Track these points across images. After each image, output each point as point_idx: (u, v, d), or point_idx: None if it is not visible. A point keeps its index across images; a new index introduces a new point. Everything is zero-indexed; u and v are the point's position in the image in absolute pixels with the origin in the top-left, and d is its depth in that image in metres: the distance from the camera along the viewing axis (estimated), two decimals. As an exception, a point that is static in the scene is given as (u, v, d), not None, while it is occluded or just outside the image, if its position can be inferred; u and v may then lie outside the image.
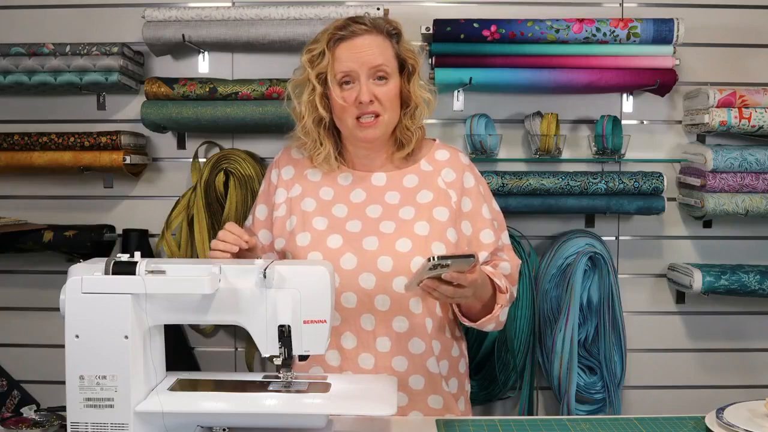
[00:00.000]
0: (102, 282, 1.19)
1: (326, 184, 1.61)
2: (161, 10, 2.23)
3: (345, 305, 1.51)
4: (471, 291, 1.37)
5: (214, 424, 1.24)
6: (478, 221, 1.58)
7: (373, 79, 1.51)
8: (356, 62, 1.50)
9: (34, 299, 2.44)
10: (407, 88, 1.56)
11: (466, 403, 1.66)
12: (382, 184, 1.59)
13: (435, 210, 1.54)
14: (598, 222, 2.43)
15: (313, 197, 1.59)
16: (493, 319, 1.51)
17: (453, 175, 1.59)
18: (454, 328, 1.61)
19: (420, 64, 1.58)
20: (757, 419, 1.30)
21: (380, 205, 1.56)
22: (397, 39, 1.56)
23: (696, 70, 2.38)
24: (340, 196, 1.59)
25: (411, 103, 1.56)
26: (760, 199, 2.27)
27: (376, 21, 1.55)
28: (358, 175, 1.61)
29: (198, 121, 2.26)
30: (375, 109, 1.51)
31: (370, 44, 1.51)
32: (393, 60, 1.54)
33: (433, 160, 1.61)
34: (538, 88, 2.27)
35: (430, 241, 1.51)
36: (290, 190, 1.62)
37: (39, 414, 1.40)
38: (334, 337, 1.52)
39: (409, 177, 1.60)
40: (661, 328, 2.46)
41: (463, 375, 1.64)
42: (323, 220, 1.56)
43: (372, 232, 1.53)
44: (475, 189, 1.60)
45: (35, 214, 2.41)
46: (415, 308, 1.52)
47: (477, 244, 1.57)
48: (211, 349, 2.47)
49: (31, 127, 2.37)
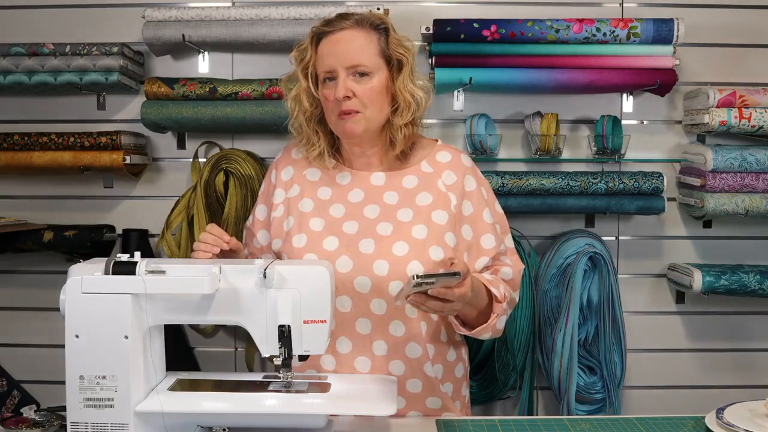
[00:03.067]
0: (102, 282, 1.19)
1: (325, 183, 1.59)
2: (161, 10, 2.23)
3: (340, 309, 1.49)
4: (460, 305, 1.35)
5: (214, 424, 1.24)
6: (479, 225, 1.56)
7: (353, 75, 1.49)
8: (335, 58, 1.49)
9: (34, 299, 2.44)
10: (394, 85, 1.52)
11: (463, 408, 1.63)
12: (381, 184, 1.57)
13: (434, 213, 1.52)
14: (598, 222, 2.43)
15: (311, 197, 1.58)
16: (489, 328, 1.48)
17: (454, 178, 1.56)
18: (451, 333, 1.58)
19: (410, 60, 1.53)
20: (757, 419, 1.30)
21: (378, 205, 1.54)
22: (386, 33, 1.53)
23: (696, 70, 2.38)
24: (338, 195, 1.57)
25: (398, 100, 1.53)
26: (760, 199, 2.27)
27: (363, 16, 1.53)
28: (357, 174, 1.59)
29: (198, 121, 2.26)
30: (352, 105, 1.48)
31: (349, 40, 1.49)
32: (376, 56, 1.50)
33: (434, 162, 1.59)
34: (538, 88, 2.27)
35: (427, 245, 1.48)
36: (289, 190, 1.61)
37: (39, 414, 1.40)
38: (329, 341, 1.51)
39: (408, 178, 1.57)
40: (661, 328, 2.46)
41: (459, 379, 1.61)
42: (320, 221, 1.54)
43: (369, 234, 1.51)
44: (477, 192, 1.58)
45: (35, 214, 2.41)
46: (411, 313, 1.50)
47: (477, 248, 1.55)
48: (211, 349, 2.47)
49: (31, 127, 2.37)
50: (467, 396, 1.67)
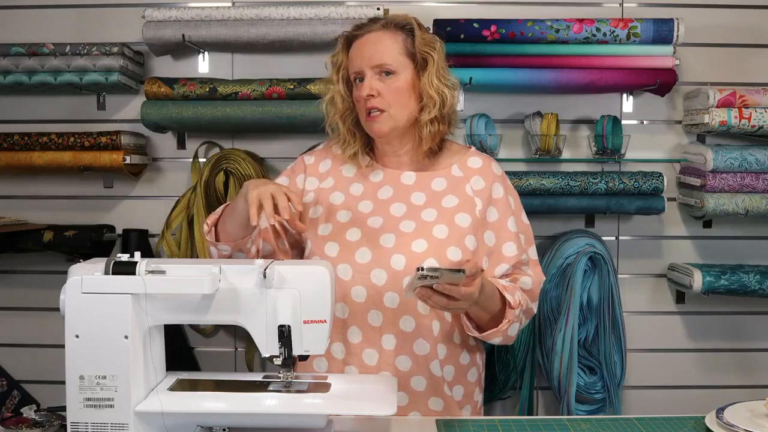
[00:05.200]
0: (102, 282, 1.19)
1: (357, 180, 1.63)
2: (161, 10, 2.23)
3: (354, 299, 1.51)
4: (466, 304, 1.35)
5: (214, 424, 1.24)
6: (502, 233, 1.57)
7: (378, 74, 1.53)
8: (362, 59, 1.55)
9: (34, 299, 2.44)
10: (420, 82, 1.56)
11: (474, 413, 1.62)
12: (411, 184, 1.60)
13: (457, 216, 1.54)
14: (598, 222, 2.43)
15: (342, 191, 1.61)
16: (500, 332, 1.49)
17: (482, 184, 1.59)
18: (465, 337, 1.58)
19: (436, 58, 1.56)
20: (757, 419, 1.30)
21: (405, 204, 1.57)
22: (411, 33, 1.57)
23: (696, 70, 2.38)
24: (368, 192, 1.61)
25: (423, 98, 1.56)
26: (760, 199, 2.27)
27: (390, 18, 1.59)
28: (389, 173, 1.62)
29: (198, 121, 2.26)
30: (377, 104, 1.53)
31: (375, 41, 1.55)
32: (401, 55, 1.54)
33: (465, 167, 1.62)
34: (538, 88, 2.27)
35: (446, 245, 1.50)
36: (323, 181, 1.64)
37: (39, 414, 1.40)
38: (341, 329, 1.52)
39: (438, 180, 1.60)
40: (661, 328, 2.46)
41: (472, 384, 1.61)
42: (347, 213, 1.58)
43: (391, 229, 1.53)
44: (503, 200, 1.60)
45: (35, 214, 2.41)
46: (423, 309, 1.51)
47: (498, 255, 1.56)
48: (211, 349, 2.47)
49: (31, 127, 2.37)
50: (480, 402, 1.66)
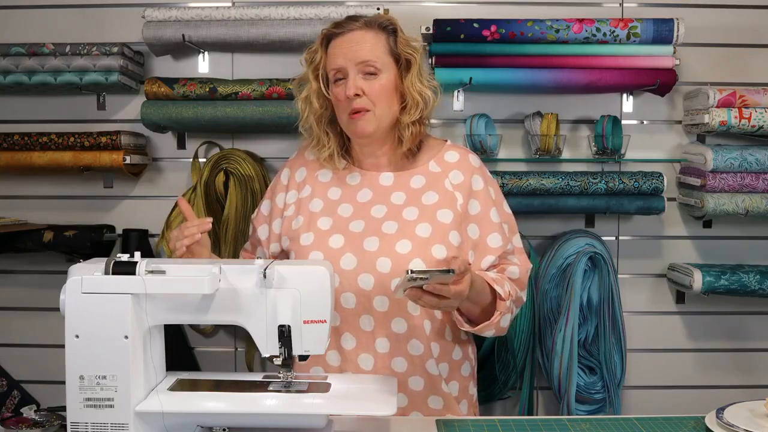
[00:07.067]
0: (102, 282, 1.19)
1: (335, 184, 1.61)
2: (161, 10, 2.23)
3: (344, 306, 1.51)
4: (457, 302, 1.36)
5: (214, 424, 1.24)
6: (485, 225, 1.56)
7: (362, 74, 1.51)
8: (344, 58, 1.52)
9: (34, 299, 2.44)
10: (402, 83, 1.55)
11: (471, 407, 1.63)
12: (389, 184, 1.59)
13: (439, 212, 1.53)
14: (598, 222, 2.43)
15: (321, 198, 1.60)
16: (492, 325, 1.49)
17: (461, 178, 1.58)
18: (456, 332, 1.58)
19: (418, 60, 1.56)
20: (757, 419, 1.30)
21: (385, 205, 1.56)
22: (394, 33, 1.55)
23: (696, 70, 2.38)
24: (347, 195, 1.59)
25: (406, 99, 1.55)
26: (760, 199, 2.27)
27: (371, 18, 1.56)
28: (366, 174, 1.61)
29: (198, 121, 2.26)
30: (362, 104, 1.51)
31: (359, 40, 1.52)
32: (385, 54, 1.53)
33: (442, 162, 1.60)
34: (538, 88, 2.27)
35: (431, 243, 1.50)
36: (301, 191, 1.63)
37: (39, 414, 1.40)
38: (334, 337, 1.52)
39: (416, 178, 1.59)
40: (661, 328, 2.46)
41: (466, 378, 1.62)
42: (328, 220, 1.56)
43: (374, 232, 1.52)
44: (484, 192, 1.59)
45: (35, 214, 2.41)
46: (414, 310, 1.51)
47: (484, 247, 1.55)
48: (211, 349, 2.47)
49: (31, 127, 2.37)
50: (475, 395, 1.67)
